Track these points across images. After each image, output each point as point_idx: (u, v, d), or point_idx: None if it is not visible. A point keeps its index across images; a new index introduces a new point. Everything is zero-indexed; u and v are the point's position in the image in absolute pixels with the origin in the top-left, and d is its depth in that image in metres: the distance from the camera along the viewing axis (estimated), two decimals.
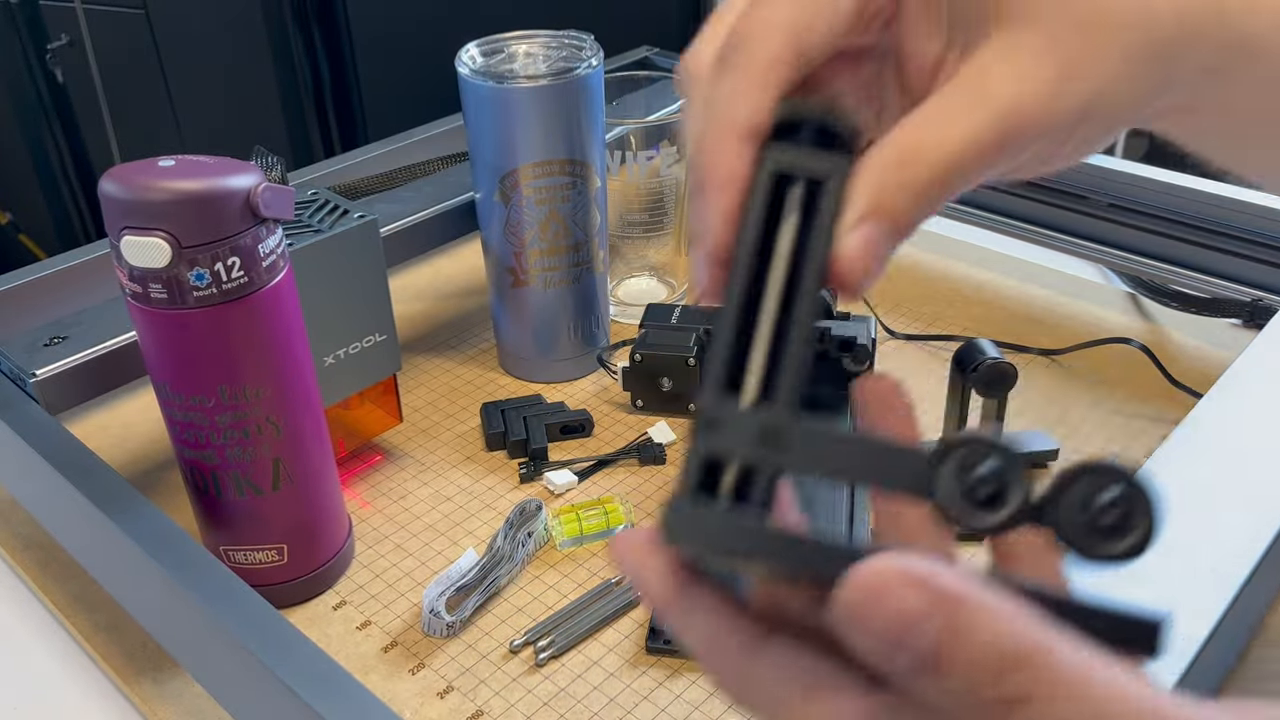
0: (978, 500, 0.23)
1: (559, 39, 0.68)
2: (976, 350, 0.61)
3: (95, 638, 0.56)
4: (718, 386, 0.25)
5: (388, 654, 0.54)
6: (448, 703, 0.51)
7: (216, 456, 0.51)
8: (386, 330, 0.63)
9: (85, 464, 0.52)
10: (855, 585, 0.21)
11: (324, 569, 0.57)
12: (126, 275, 0.48)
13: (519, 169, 0.65)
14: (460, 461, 0.67)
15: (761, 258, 0.26)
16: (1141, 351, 0.72)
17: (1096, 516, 0.23)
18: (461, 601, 0.56)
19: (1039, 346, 0.74)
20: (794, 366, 0.25)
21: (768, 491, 0.25)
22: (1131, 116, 0.27)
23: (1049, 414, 0.68)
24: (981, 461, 0.23)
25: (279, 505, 0.54)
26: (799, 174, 0.26)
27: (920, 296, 0.81)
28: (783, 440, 0.24)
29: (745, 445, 0.25)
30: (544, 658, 0.53)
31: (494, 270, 0.71)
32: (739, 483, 0.25)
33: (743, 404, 0.25)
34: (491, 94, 0.64)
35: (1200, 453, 0.49)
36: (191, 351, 0.49)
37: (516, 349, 0.73)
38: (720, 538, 0.23)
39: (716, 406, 0.25)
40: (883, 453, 0.24)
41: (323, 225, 0.58)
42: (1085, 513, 0.23)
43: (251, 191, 0.47)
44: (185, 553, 0.47)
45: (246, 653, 0.42)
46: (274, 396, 0.51)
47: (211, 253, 0.47)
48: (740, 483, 0.25)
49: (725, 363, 0.25)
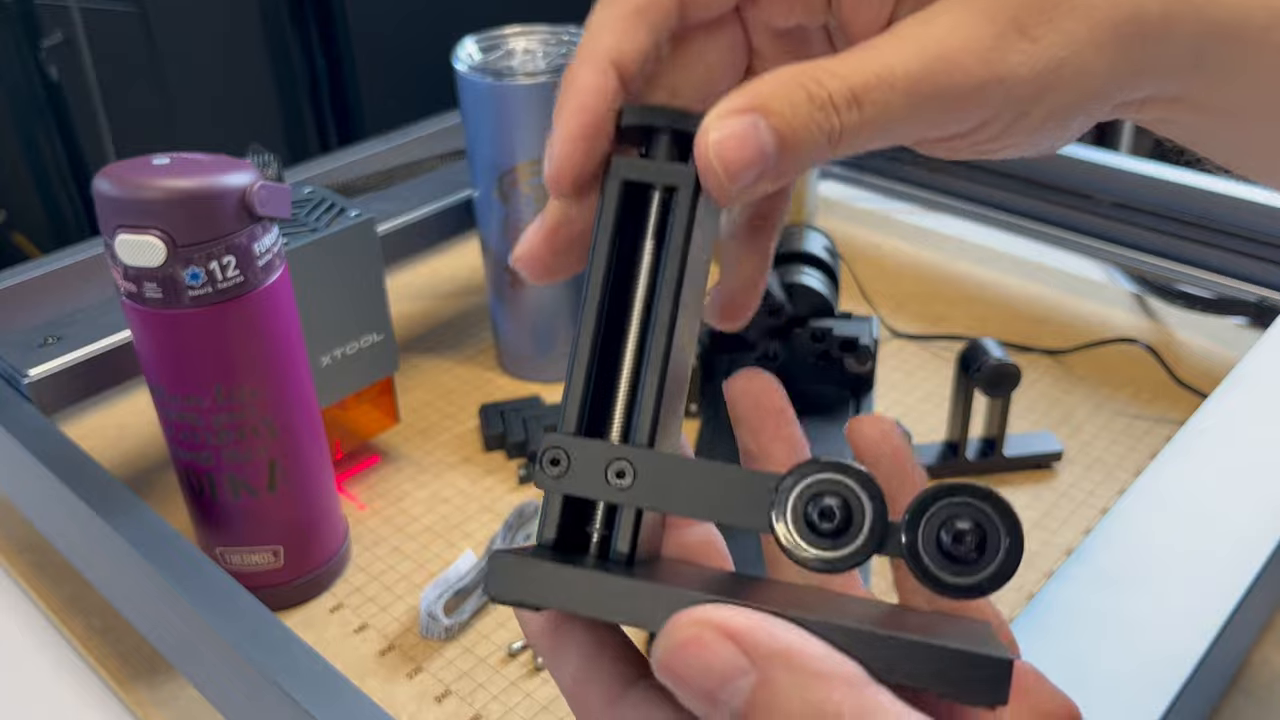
0: (821, 533, 0.22)
1: (557, 34, 0.67)
2: (980, 350, 0.60)
3: (90, 641, 0.55)
4: (571, 426, 0.24)
5: (385, 657, 0.53)
6: (445, 707, 0.50)
7: (212, 457, 0.51)
8: (383, 330, 0.62)
9: (80, 465, 0.51)
10: (670, 635, 0.20)
11: (320, 571, 0.56)
12: (121, 274, 0.47)
13: (517, 167, 0.65)
14: (458, 463, 0.66)
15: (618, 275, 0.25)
16: (1146, 351, 0.72)
17: (951, 545, 0.21)
18: (460, 604, 0.55)
19: (1043, 346, 0.74)
20: (649, 396, 0.24)
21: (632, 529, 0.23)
22: (1104, 100, 0.25)
23: (1053, 414, 0.68)
24: (827, 491, 0.22)
25: (275, 507, 0.53)
26: (652, 183, 0.24)
27: (924, 296, 0.81)
28: (626, 475, 0.23)
29: (591, 483, 0.23)
30: (542, 662, 0.52)
31: (492, 269, 0.70)
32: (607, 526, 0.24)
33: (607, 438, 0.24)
34: (489, 91, 0.63)
35: (1206, 453, 0.48)
36: (186, 351, 0.48)
37: (515, 349, 0.73)
38: (539, 591, 0.22)
39: (560, 443, 0.23)
40: (728, 484, 0.23)
41: (319, 224, 0.58)
42: (939, 542, 0.22)
43: (247, 190, 0.47)
44: (180, 555, 0.46)
45: (242, 656, 0.41)
46: (270, 397, 0.50)
47: (206, 252, 0.46)
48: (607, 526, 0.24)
49: (580, 400, 0.24)
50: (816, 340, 0.63)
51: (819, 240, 0.69)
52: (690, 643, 0.19)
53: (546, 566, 0.22)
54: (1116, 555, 0.42)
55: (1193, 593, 0.41)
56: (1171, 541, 0.43)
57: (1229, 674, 0.48)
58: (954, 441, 0.63)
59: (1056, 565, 0.56)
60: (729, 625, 0.19)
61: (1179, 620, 0.39)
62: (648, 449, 0.23)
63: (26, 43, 1.34)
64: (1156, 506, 0.45)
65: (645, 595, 0.21)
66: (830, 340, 0.62)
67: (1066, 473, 0.63)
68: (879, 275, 0.83)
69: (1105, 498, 0.61)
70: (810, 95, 0.22)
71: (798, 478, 0.22)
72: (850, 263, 0.82)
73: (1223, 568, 0.42)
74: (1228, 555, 0.42)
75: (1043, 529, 0.59)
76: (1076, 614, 0.40)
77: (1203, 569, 0.42)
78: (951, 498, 0.21)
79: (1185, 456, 0.48)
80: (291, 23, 1.40)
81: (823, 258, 0.67)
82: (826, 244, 0.69)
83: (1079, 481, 0.63)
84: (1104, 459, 0.64)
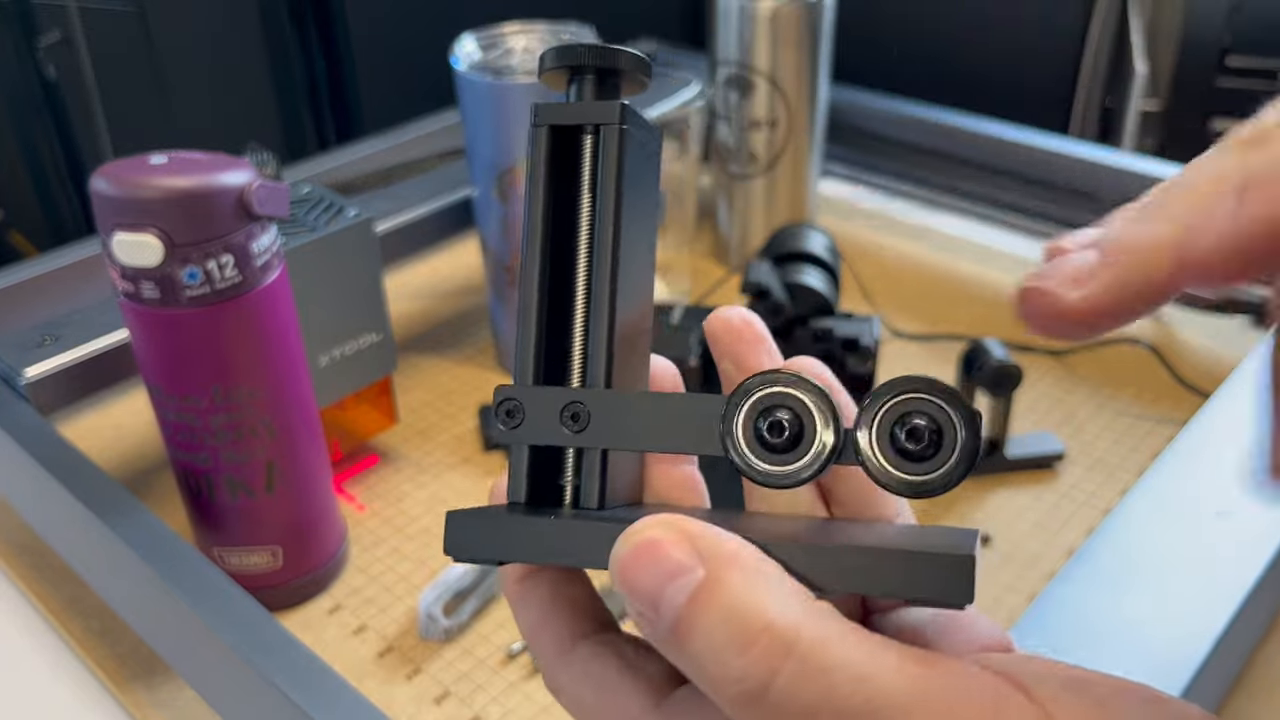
0: (774, 448, 0.22)
1: (557, 32, 0.67)
2: (982, 350, 0.60)
3: (88, 642, 0.55)
4: (527, 377, 0.24)
5: (383, 659, 0.53)
6: (444, 709, 0.50)
7: (209, 458, 0.50)
8: (382, 330, 0.62)
9: (77, 466, 0.51)
10: (628, 537, 0.20)
11: (319, 572, 0.56)
12: (118, 274, 0.47)
13: (517, 166, 0.64)
14: (458, 463, 0.66)
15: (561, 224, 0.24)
16: (1149, 351, 0.72)
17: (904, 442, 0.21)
18: (458, 606, 0.55)
19: (1045, 346, 0.74)
20: (600, 338, 0.23)
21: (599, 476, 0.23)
22: None
23: (1055, 414, 0.68)
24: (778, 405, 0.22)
25: (273, 508, 0.53)
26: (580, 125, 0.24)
27: (925, 295, 0.81)
28: (580, 417, 0.23)
29: (546, 430, 0.23)
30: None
31: (492, 269, 0.70)
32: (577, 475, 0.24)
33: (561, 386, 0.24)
34: (489, 90, 0.63)
35: (1208, 453, 0.48)
36: (184, 351, 0.48)
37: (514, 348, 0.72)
38: (498, 546, 0.22)
39: (512, 393, 0.23)
40: (683, 411, 0.23)
41: (317, 223, 0.58)
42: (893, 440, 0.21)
43: (245, 189, 0.46)
44: (178, 556, 0.46)
45: (240, 658, 0.41)
46: (268, 397, 0.50)
47: (204, 251, 0.46)
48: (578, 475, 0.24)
49: (533, 350, 0.24)
50: (818, 340, 0.62)
51: (820, 240, 0.69)
52: (646, 543, 0.20)
53: (496, 519, 0.22)
54: (1119, 556, 0.42)
55: (1196, 593, 0.41)
56: (1174, 542, 0.43)
57: (1232, 675, 0.47)
58: None
59: (1059, 566, 0.56)
60: (686, 528, 0.20)
61: (1182, 621, 0.39)
62: (601, 390, 0.23)
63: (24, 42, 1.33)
64: (1159, 507, 0.45)
65: (592, 533, 0.21)
66: (832, 340, 0.62)
67: (1068, 473, 0.63)
68: (880, 275, 0.83)
69: (1107, 498, 0.61)
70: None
71: (743, 395, 0.22)
72: (851, 262, 0.82)
73: (1226, 568, 0.41)
74: (1231, 556, 0.42)
75: (1045, 529, 0.59)
76: (1079, 615, 0.40)
77: (1206, 570, 0.42)
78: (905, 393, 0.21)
79: (1188, 457, 0.47)
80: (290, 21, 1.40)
81: (824, 257, 0.67)
82: (828, 243, 0.69)
83: (1081, 482, 0.63)
84: (1106, 459, 0.64)
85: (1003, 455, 0.63)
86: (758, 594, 0.19)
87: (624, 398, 0.23)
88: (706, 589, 0.19)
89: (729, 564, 0.19)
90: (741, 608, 0.19)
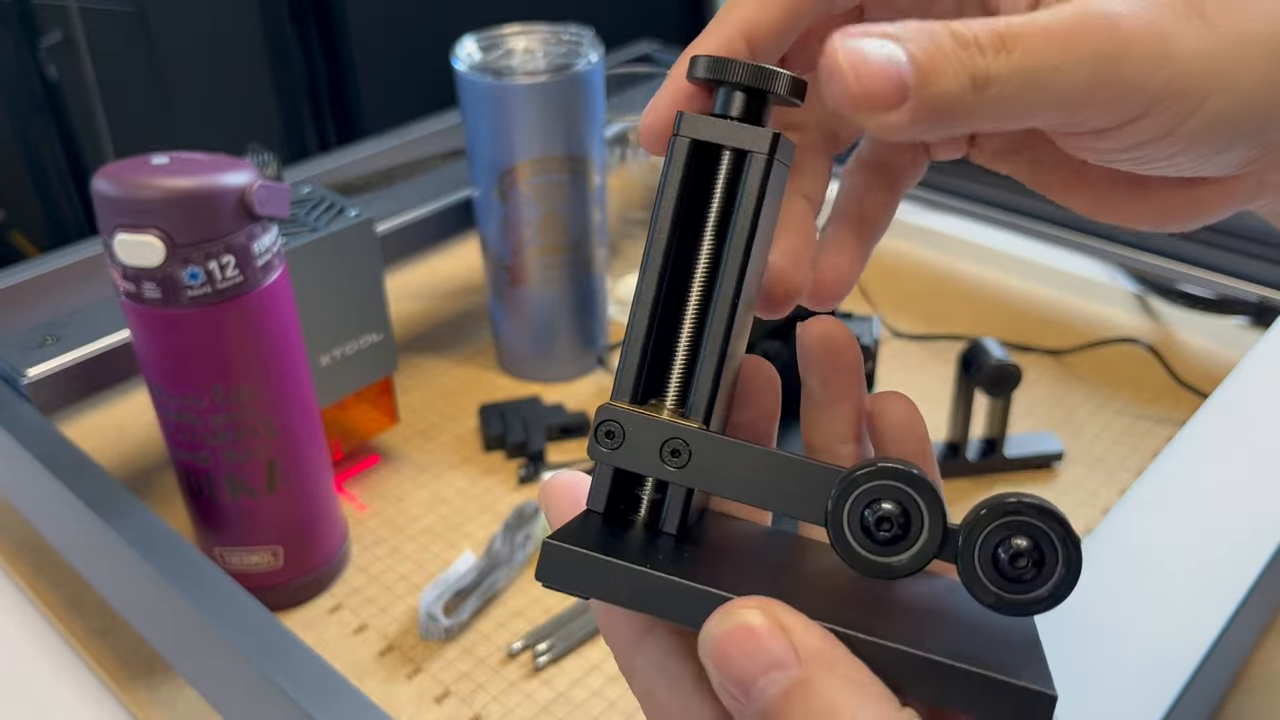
0: (878, 540, 0.22)
1: (557, 33, 0.67)
2: (982, 350, 0.60)
3: (89, 642, 0.55)
4: (627, 393, 0.23)
5: (384, 658, 0.53)
6: (445, 708, 0.50)
7: (211, 458, 0.51)
8: (383, 330, 0.62)
9: (78, 465, 0.51)
10: (725, 617, 0.20)
11: (320, 572, 0.56)
12: (120, 274, 0.47)
13: (517, 166, 0.65)
14: (458, 463, 0.66)
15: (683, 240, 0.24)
16: (1147, 351, 0.72)
17: (1007, 563, 0.21)
18: (459, 605, 0.55)
19: (1044, 346, 0.74)
20: (708, 371, 0.23)
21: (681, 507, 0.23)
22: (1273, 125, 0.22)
23: (1054, 414, 0.68)
24: (886, 497, 0.22)
25: (274, 507, 0.53)
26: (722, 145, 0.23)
27: (925, 296, 0.81)
28: (681, 454, 0.23)
29: (644, 459, 0.23)
30: (543, 662, 0.52)
31: (492, 269, 0.70)
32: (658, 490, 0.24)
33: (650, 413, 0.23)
34: (489, 90, 0.63)
35: (1207, 453, 0.48)
36: (185, 351, 0.48)
37: (515, 349, 0.72)
38: (589, 583, 0.22)
39: (616, 415, 0.23)
40: (788, 474, 0.22)
41: (318, 223, 0.58)
42: (995, 558, 0.21)
43: (246, 189, 0.46)
44: (179, 555, 0.46)
45: (241, 657, 0.41)
46: (269, 397, 0.50)
47: (205, 251, 0.46)
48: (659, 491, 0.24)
49: (636, 365, 0.23)
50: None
51: None
52: (743, 628, 0.20)
53: (592, 559, 0.22)
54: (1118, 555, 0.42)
55: (1194, 592, 0.41)
56: (1173, 541, 0.43)
57: (1231, 674, 0.47)
58: (955, 442, 0.63)
59: None
60: (782, 619, 0.20)
61: (1181, 620, 0.39)
62: (704, 429, 0.23)
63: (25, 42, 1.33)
64: (1158, 507, 0.45)
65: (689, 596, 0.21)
66: None
67: (1068, 473, 0.63)
68: (880, 275, 0.83)
69: (1107, 498, 0.61)
70: (953, 32, 0.20)
71: (859, 481, 0.22)
72: None
73: (1225, 567, 0.42)
74: (1230, 555, 0.42)
75: None
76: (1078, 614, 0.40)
77: (1204, 569, 0.42)
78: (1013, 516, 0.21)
79: (1186, 456, 0.48)
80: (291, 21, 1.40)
81: None
82: None
83: (1080, 482, 0.63)
84: (1105, 459, 0.64)
85: (1002, 455, 0.63)
86: (850, 703, 0.19)
87: (728, 445, 0.23)
88: (801, 689, 0.19)
89: (824, 667, 0.20)
90: (836, 714, 0.19)
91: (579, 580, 0.22)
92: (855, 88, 0.19)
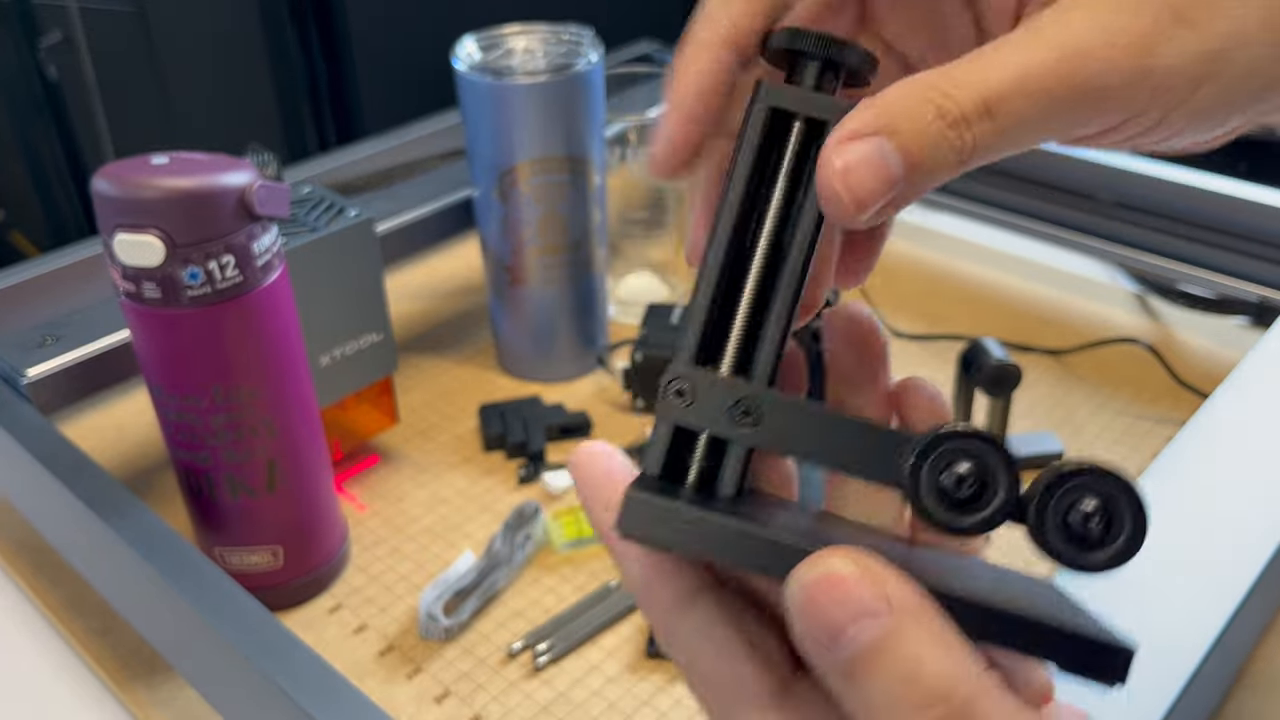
0: (956, 500, 0.22)
1: (557, 33, 0.67)
2: (982, 350, 0.60)
3: (89, 642, 0.55)
4: (690, 353, 0.24)
5: (384, 658, 0.53)
6: (445, 708, 0.50)
7: (210, 458, 0.51)
8: (383, 330, 0.62)
9: (78, 465, 0.51)
10: (816, 564, 0.20)
11: (320, 572, 0.56)
12: (119, 274, 0.47)
13: (517, 166, 0.65)
14: (458, 463, 0.66)
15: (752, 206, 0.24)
16: (1148, 351, 0.72)
17: (1078, 524, 0.22)
18: (459, 605, 0.55)
19: (1045, 346, 0.74)
20: (773, 336, 0.24)
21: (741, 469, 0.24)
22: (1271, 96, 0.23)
23: (1054, 414, 0.68)
24: (964, 458, 0.22)
25: (274, 507, 0.53)
26: (796, 112, 0.24)
27: (924, 295, 0.81)
28: (753, 414, 0.23)
29: (714, 418, 0.23)
30: (543, 662, 0.52)
31: (492, 269, 0.70)
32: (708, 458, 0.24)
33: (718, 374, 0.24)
34: (489, 90, 0.63)
35: (1207, 453, 0.48)
36: (185, 351, 0.48)
37: (515, 349, 0.72)
38: (674, 535, 0.22)
39: (686, 375, 0.23)
40: (858, 436, 0.23)
41: (318, 223, 0.58)
42: (1066, 519, 0.22)
43: (246, 189, 0.46)
44: (179, 555, 0.46)
45: (241, 657, 0.41)
46: (269, 397, 0.50)
47: (205, 251, 0.46)
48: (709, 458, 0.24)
49: (701, 327, 0.24)
50: (817, 340, 0.62)
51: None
52: (835, 576, 0.20)
53: (680, 511, 0.22)
54: None
55: (1196, 591, 0.41)
56: (1174, 541, 0.43)
57: (1233, 671, 0.47)
58: None
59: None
60: (872, 567, 0.20)
61: (1182, 618, 0.39)
62: (770, 389, 0.23)
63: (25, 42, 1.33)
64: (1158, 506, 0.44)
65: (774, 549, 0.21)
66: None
67: None
68: (879, 274, 0.83)
69: None
70: (939, 110, 0.21)
71: (941, 440, 0.22)
72: None
73: (1226, 566, 0.42)
74: (1230, 554, 0.42)
75: None
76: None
77: (1205, 568, 0.42)
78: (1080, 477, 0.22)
79: (1187, 457, 0.48)
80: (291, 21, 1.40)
81: None
82: None
83: None
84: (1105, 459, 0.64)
85: None
86: (939, 656, 0.19)
87: (799, 406, 0.23)
88: (893, 638, 0.19)
89: (913, 618, 0.20)
90: (924, 666, 0.19)
91: (661, 532, 0.22)
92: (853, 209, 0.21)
